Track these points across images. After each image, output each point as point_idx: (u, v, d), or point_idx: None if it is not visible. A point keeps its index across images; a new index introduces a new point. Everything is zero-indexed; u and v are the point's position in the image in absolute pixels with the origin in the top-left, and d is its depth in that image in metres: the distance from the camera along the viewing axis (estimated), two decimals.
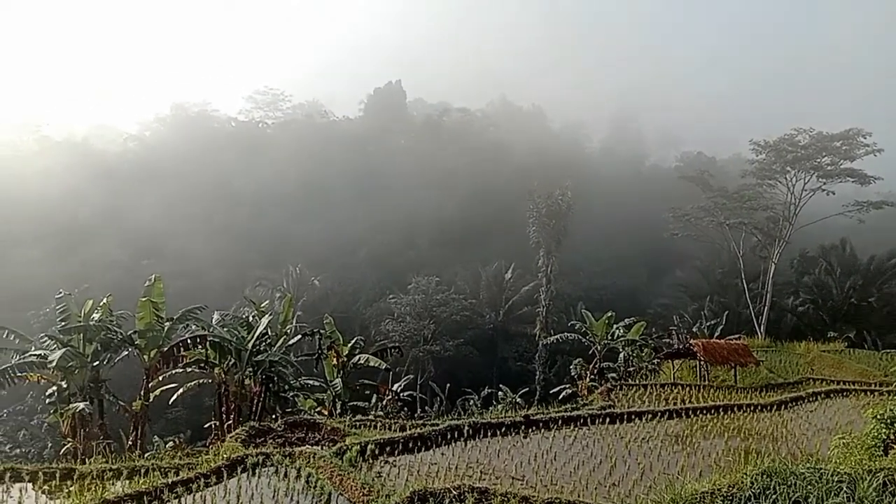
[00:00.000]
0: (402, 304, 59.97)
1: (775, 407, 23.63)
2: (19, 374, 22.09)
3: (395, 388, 39.65)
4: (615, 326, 38.40)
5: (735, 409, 22.96)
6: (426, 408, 47.69)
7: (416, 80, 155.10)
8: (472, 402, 40.47)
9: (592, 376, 35.52)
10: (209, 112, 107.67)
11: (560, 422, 20.16)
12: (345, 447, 15.81)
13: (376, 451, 16.18)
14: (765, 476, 10.02)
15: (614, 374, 35.28)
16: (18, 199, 74.53)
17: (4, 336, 23.41)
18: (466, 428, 18.63)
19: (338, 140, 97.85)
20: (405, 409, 38.88)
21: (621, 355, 37.40)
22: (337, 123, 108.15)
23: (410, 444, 17.24)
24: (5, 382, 21.64)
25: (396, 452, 16.56)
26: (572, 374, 38.16)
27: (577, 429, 19.89)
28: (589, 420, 20.63)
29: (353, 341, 32.42)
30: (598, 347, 38.27)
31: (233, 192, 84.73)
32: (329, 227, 78.89)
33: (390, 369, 37.53)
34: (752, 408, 23.23)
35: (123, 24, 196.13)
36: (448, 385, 51.63)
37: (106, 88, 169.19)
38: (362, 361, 31.04)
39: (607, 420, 20.79)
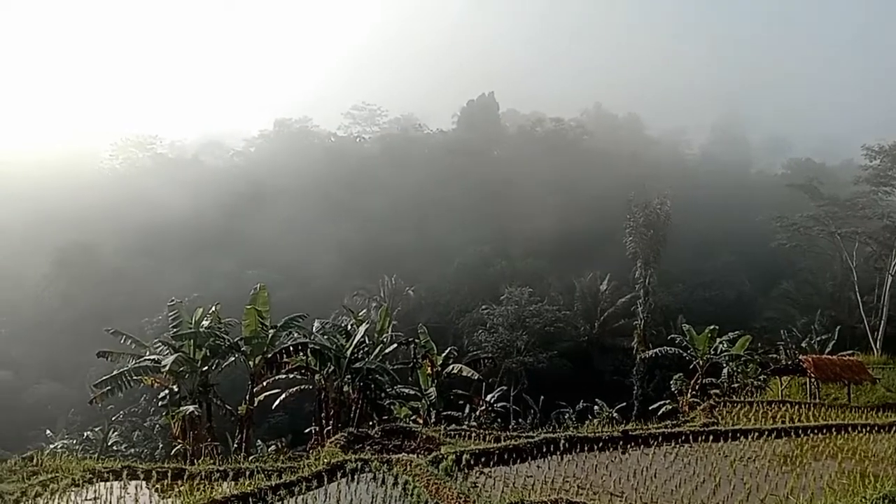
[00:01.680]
0: (494, 314, 59.89)
1: (894, 428, 22.09)
2: (135, 378, 23.47)
3: (488, 398, 39.62)
4: (718, 340, 36.92)
5: (849, 429, 21.59)
6: (519, 420, 47.34)
7: (509, 91, 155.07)
8: (567, 415, 39.87)
9: (694, 392, 34.29)
10: (310, 128, 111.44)
11: (660, 438, 19.56)
12: (441, 456, 15.92)
13: (472, 462, 16.19)
14: (886, 501, 9.39)
15: (717, 391, 33.92)
16: (137, 213, 79.60)
17: (122, 341, 25.01)
18: (563, 441, 18.38)
19: (431, 153, 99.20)
20: (498, 420, 38.78)
21: (725, 371, 35.93)
22: (431, 136, 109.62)
23: (506, 456, 17.17)
24: (123, 385, 23.05)
25: (492, 463, 16.52)
26: (672, 389, 36.96)
27: (678, 446, 19.23)
28: (691, 437, 19.92)
29: (446, 351, 32.66)
30: (700, 362, 36.89)
31: (332, 204, 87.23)
32: (423, 238, 79.95)
33: (483, 380, 37.53)
34: (867, 428, 21.78)
35: (231, 42, 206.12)
36: (542, 397, 51.08)
37: (214, 105, 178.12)
38: (456, 371, 31.24)
39: (710, 438, 20.01)
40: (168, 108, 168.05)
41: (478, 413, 36.41)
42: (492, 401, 39.68)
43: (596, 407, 39.46)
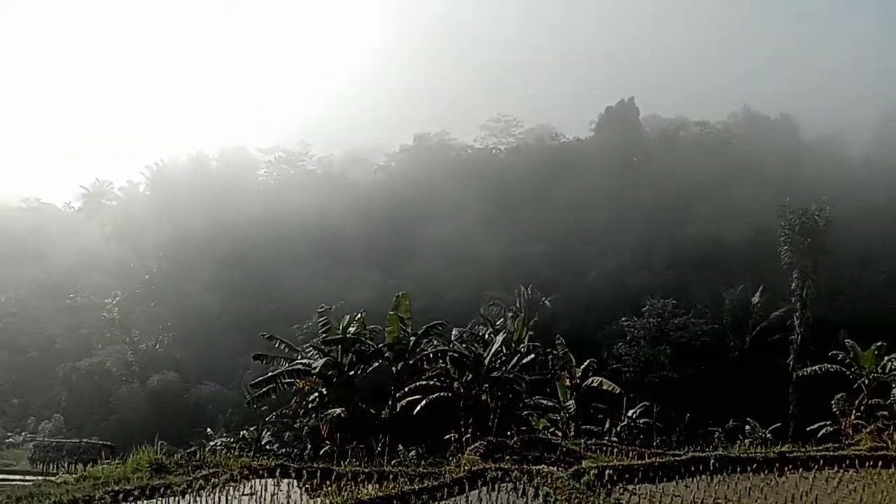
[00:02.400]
0: (635, 327, 58.06)
1: None
2: (287, 380, 24.84)
3: (629, 413, 38.44)
4: (887, 358, 33.75)
5: None
6: (663, 437, 45.52)
7: (650, 96, 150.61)
8: (715, 434, 37.88)
9: (859, 413, 31.54)
10: (447, 141, 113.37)
11: (821, 461, 18.12)
12: (582, 470, 15.60)
13: (615, 477, 15.73)
14: None
15: (885, 412, 31.00)
16: (288, 227, 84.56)
17: (276, 346, 26.53)
18: (713, 461, 17.46)
19: (568, 161, 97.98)
20: (640, 436, 37.49)
21: (894, 391, 32.79)
22: (568, 145, 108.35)
23: (651, 473, 16.55)
24: (276, 387, 24.46)
25: (636, 480, 15.97)
26: (833, 410, 34.18)
27: (841, 471, 17.73)
28: (856, 462, 18.30)
29: (585, 363, 32.04)
30: (866, 381, 33.85)
31: (467, 215, 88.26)
32: (559, 248, 79.05)
33: (624, 394, 36.44)
34: None
35: (374, 60, 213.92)
36: (687, 415, 48.83)
37: (360, 123, 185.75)
38: (595, 384, 30.57)
39: (879, 463, 18.27)
40: (318, 126, 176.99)
41: (619, 428, 35.41)
42: (633, 416, 38.44)
43: (747, 426, 37.22)
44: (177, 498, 13.80)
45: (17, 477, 28.84)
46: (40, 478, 25.75)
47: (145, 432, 35.16)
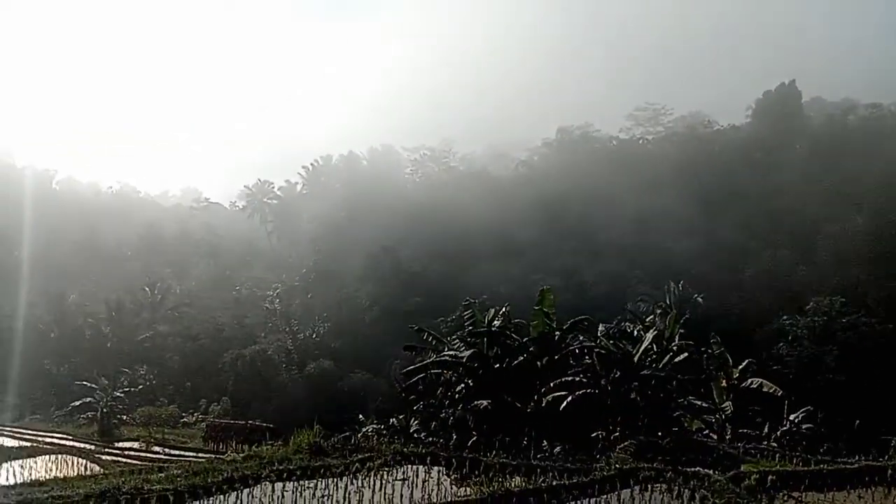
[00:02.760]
0: (798, 326, 54.23)
1: None
2: (435, 371, 25.44)
3: (791, 417, 35.99)
4: None
5: None
6: (828, 444, 42.19)
7: (814, 79, 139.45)
8: (892, 443, 34.58)
9: None
10: (591, 133, 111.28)
11: None
12: (742, 474, 14.80)
13: (777, 483, 14.79)
14: None
15: None
16: (432, 222, 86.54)
17: (424, 337, 27.24)
18: (890, 471, 15.96)
19: (722, 150, 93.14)
20: (803, 442, 35.00)
21: None
22: (721, 133, 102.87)
23: (818, 481, 15.40)
24: (425, 377, 25.13)
25: (802, 488, 14.93)
26: None
27: None
28: None
29: (743, 364, 30.37)
30: None
31: (612, 208, 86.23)
32: (712, 242, 75.31)
33: (786, 397, 34.11)
34: None
35: (514, 54, 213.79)
36: (857, 421, 44.94)
37: (502, 118, 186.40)
38: (754, 386, 28.90)
39: None
40: (461, 124, 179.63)
41: (779, 433, 33.22)
42: (796, 420, 35.90)
43: None
44: (335, 479, 14.48)
45: (192, 453, 31.55)
46: (212, 455, 28.05)
47: (302, 416, 37.25)
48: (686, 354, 29.70)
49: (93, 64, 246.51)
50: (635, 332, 27.87)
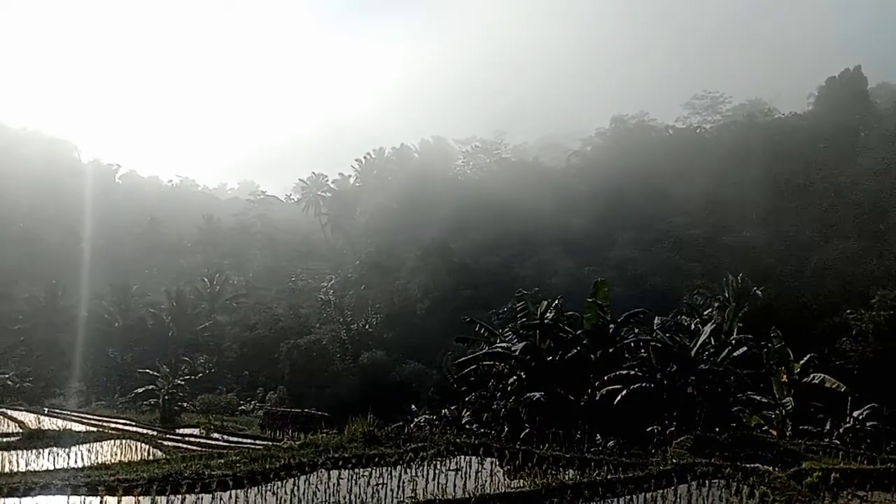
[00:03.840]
0: (863, 320, 52.18)
1: None
2: (486, 363, 25.44)
3: (855, 414, 34.81)
4: None
5: None
6: (894, 442, 40.67)
7: (881, 61, 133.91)
8: None
9: None
10: (646, 122, 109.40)
11: None
12: (803, 471, 14.36)
13: (841, 482, 14.29)
14: None
15: None
16: (484, 214, 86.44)
17: (476, 329, 27.25)
18: None
19: (782, 139, 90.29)
20: (867, 440, 33.84)
21: None
22: (783, 121, 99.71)
23: (886, 480, 14.82)
24: (477, 369, 25.16)
25: (868, 487, 14.39)
26: None
27: None
28: None
29: (805, 358, 29.48)
30: None
31: (668, 199, 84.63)
32: (772, 232, 73.18)
33: (849, 393, 33.00)
34: None
35: (569, 44, 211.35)
36: None
37: (555, 109, 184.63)
38: (816, 381, 28.04)
39: None
40: (514, 114, 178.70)
41: (842, 430, 32.17)
42: (860, 417, 34.72)
43: None
44: (389, 468, 14.61)
45: (249, 440, 32.28)
46: (269, 442, 28.67)
47: (356, 405, 37.75)
48: (745, 348, 29.04)
49: (152, 60, 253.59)
50: (692, 326, 27.38)
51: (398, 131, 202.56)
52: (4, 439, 21.86)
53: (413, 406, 47.28)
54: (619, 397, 26.73)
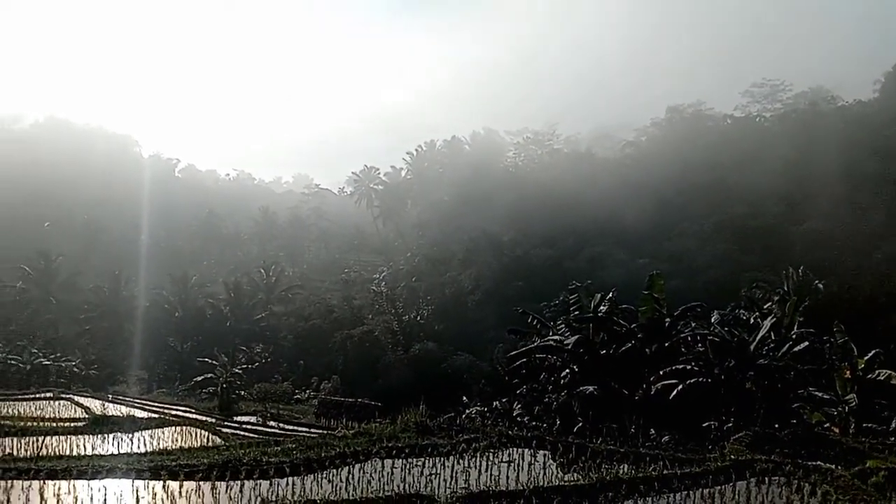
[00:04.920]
0: None
1: None
2: (539, 355, 25.29)
3: None
4: None
5: None
6: None
7: None
8: None
9: None
10: (703, 111, 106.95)
11: None
12: (868, 470, 13.90)
13: None
14: None
15: None
16: (534, 206, 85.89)
17: (529, 321, 27.10)
18: None
19: (847, 127, 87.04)
20: None
21: None
22: (846, 109, 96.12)
23: None
24: (529, 361, 25.04)
25: None
26: None
27: None
28: None
29: (870, 354, 28.37)
30: None
31: (726, 190, 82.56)
32: (835, 225, 70.68)
33: None
34: None
35: (627, 36, 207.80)
36: None
37: (608, 99, 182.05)
38: (882, 378, 26.92)
39: None
40: (566, 105, 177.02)
41: None
42: None
43: None
44: (441, 458, 14.70)
45: (304, 429, 32.84)
46: (323, 431, 29.12)
47: (407, 395, 37.98)
48: (806, 343, 28.18)
49: (211, 58, 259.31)
50: (751, 320, 26.69)
51: (449, 124, 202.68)
52: (72, 424, 22.71)
53: (464, 398, 47.30)
54: (674, 392, 26.29)
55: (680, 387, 27.27)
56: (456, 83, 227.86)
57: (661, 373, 25.35)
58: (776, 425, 23.41)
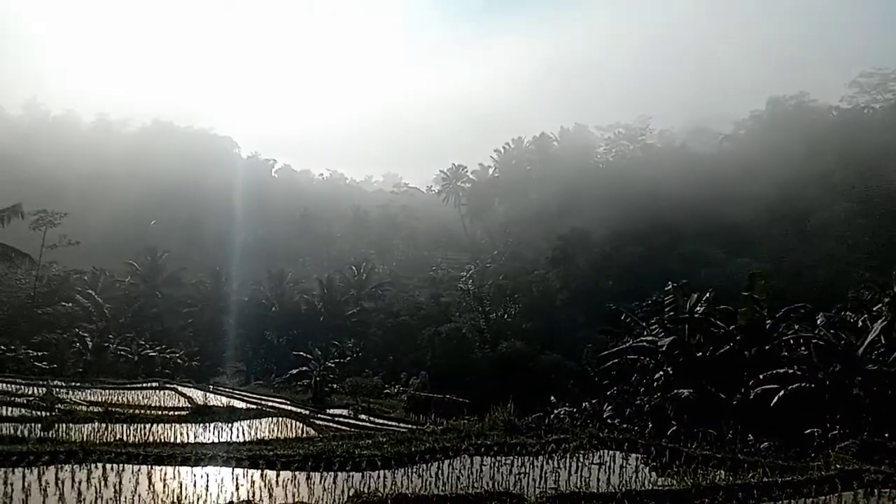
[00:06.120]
0: None
1: None
2: (631, 356, 24.73)
3: None
4: None
5: None
6: None
7: None
8: None
9: None
10: (806, 103, 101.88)
11: None
12: None
13: None
14: None
15: None
16: (627, 203, 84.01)
17: (622, 319, 26.55)
18: None
19: None
20: None
21: None
22: None
23: None
24: (621, 362, 24.51)
25: None
26: None
27: None
28: None
29: None
30: None
31: (831, 186, 78.33)
32: None
33: None
34: None
35: (720, 28, 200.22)
36: None
37: (703, 92, 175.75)
38: None
39: None
40: (660, 98, 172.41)
41: None
42: None
43: None
44: (530, 458, 14.59)
45: (394, 423, 33.33)
46: (412, 426, 29.46)
47: (494, 393, 37.92)
48: None
49: (306, 65, 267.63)
50: (859, 323, 25.13)
51: (537, 121, 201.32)
52: (176, 413, 23.85)
53: (552, 397, 46.83)
54: (775, 397, 25.13)
55: (781, 392, 26.04)
56: (543, 79, 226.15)
57: (760, 377, 24.26)
58: (886, 434, 22.02)
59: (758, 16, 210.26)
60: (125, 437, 17.27)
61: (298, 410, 30.41)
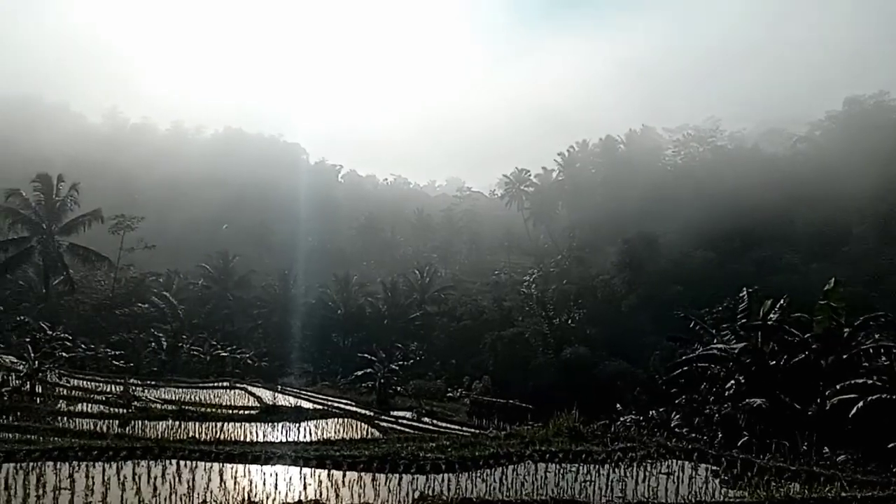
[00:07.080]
0: None
1: None
2: (701, 364, 24.09)
3: None
4: None
5: None
6: None
7: None
8: None
9: None
10: (886, 102, 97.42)
11: None
12: None
13: None
14: None
15: None
16: (696, 206, 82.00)
17: (691, 326, 25.88)
18: None
19: None
20: None
21: None
22: None
23: None
24: (689, 370, 23.89)
25: None
26: None
27: None
28: None
29: None
30: None
31: None
32: None
33: None
34: None
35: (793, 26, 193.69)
36: None
37: (776, 93, 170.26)
38: None
39: None
40: (730, 100, 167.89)
41: None
42: None
43: None
44: (596, 466, 14.36)
45: (457, 427, 33.40)
46: (475, 430, 29.44)
47: (557, 399, 37.53)
48: None
49: (370, 74, 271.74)
50: None
51: (603, 123, 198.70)
52: (246, 412, 24.51)
53: (618, 405, 46.04)
54: (854, 409, 24.05)
55: (860, 403, 24.92)
56: (608, 81, 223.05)
57: (838, 387, 23.26)
58: None
59: (824, 13, 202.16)
60: (197, 435, 17.83)
61: (363, 412, 30.78)
